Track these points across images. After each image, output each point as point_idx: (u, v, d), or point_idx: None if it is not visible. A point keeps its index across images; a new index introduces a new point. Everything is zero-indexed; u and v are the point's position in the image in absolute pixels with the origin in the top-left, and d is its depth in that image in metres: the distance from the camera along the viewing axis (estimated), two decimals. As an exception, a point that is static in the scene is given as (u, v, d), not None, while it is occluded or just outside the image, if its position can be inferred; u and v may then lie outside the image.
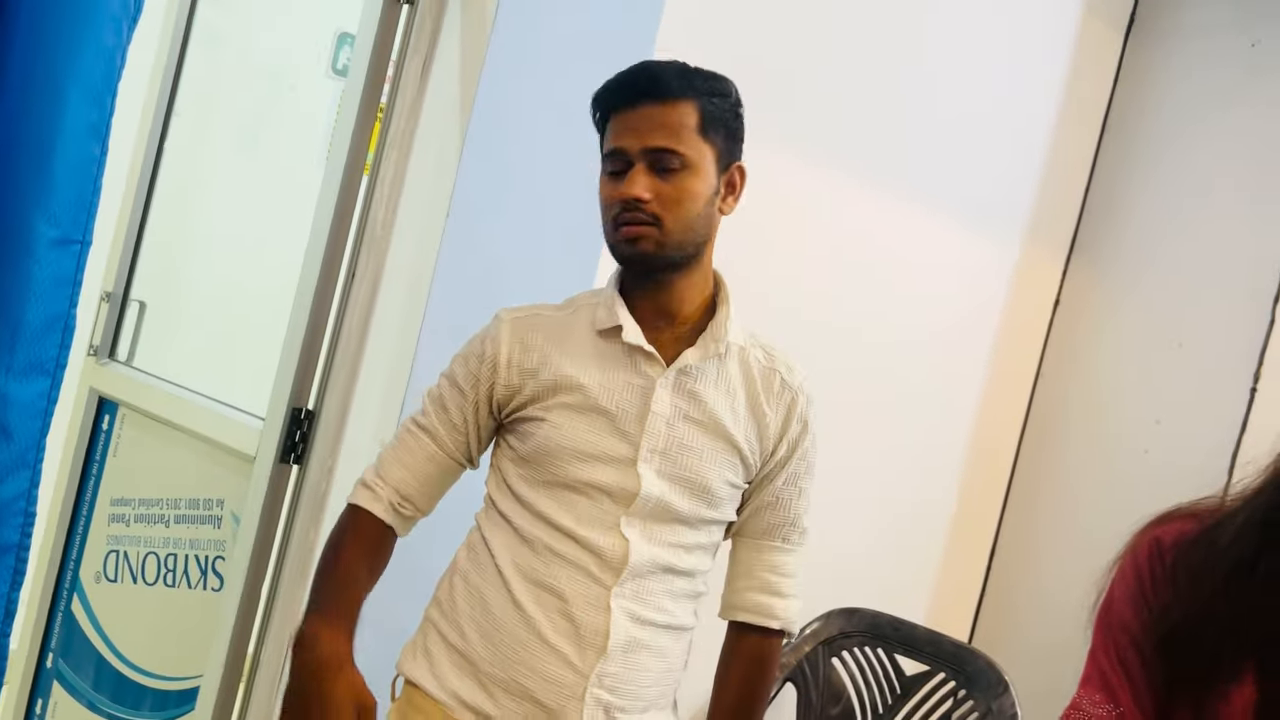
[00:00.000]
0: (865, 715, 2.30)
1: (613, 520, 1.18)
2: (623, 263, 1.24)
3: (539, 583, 1.18)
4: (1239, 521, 0.93)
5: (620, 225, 1.19)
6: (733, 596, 1.35)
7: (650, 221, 1.18)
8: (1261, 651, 0.88)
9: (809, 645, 2.35)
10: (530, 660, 1.16)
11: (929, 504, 2.64)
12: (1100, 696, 0.96)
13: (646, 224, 1.18)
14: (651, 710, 1.23)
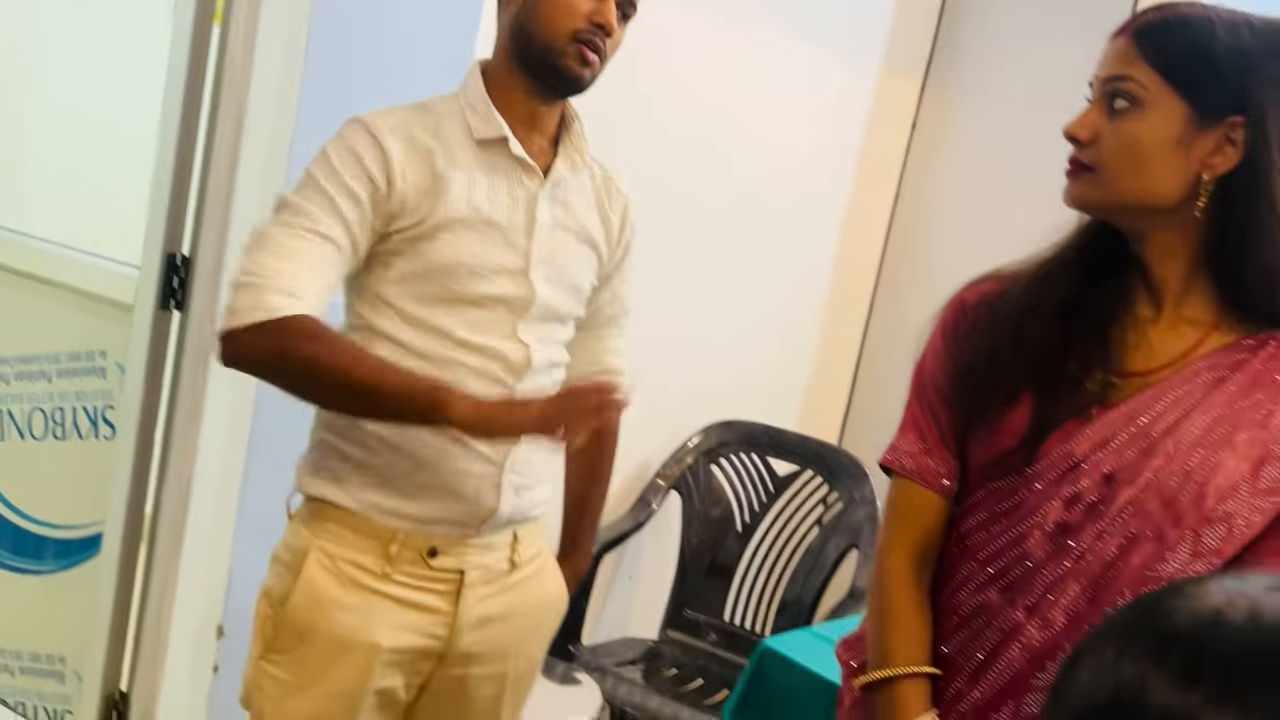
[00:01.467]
0: (743, 513, 2.51)
1: (509, 328, 1.25)
2: (560, 80, 1.24)
3: None
4: (1025, 277, 1.08)
5: (587, 46, 1.21)
6: (578, 380, 1.44)
7: (605, 53, 1.24)
8: (1036, 377, 1.03)
9: (691, 457, 2.53)
10: (448, 463, 1.24)
11: (799, 320, 2.80)
12: (912, 437, 1.11)
13: (602, 54, 1.23)
14: (543, 482, 1.36)
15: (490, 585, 1.31)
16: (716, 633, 2.45)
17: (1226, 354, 1.00)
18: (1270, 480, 0.95)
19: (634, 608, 2.62)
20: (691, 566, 2.49)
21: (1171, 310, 1.03)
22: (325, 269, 1.18)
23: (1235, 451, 0.96)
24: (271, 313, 1.13)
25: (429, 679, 1.32)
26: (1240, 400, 0.98)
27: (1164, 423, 0.99)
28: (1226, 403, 0.98)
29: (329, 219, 1.18)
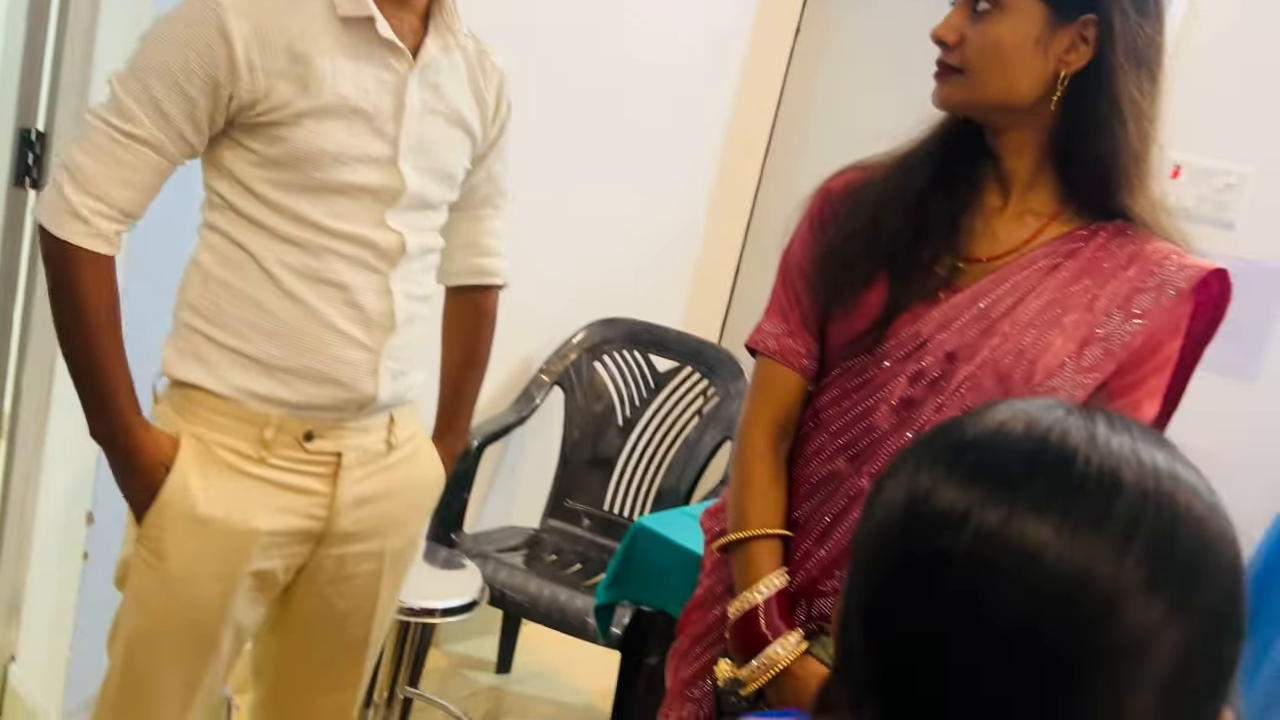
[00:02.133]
0: (624, 408, 2.57)
1: (378, 217, 1.23)
2: None
3: (320, 279, 1.21)
4: (887, 167, 1.14)
5: None
6: (454, 264, 1.45)
7: None
8: (890, 261, 1.09)
9: (574, 354, 2.56)
10: (324, 349, 1.22)
11: (683, 219, 2.84)
12: (776, 318, 1.18)
13: None
14: (417, 367, 1.37)
15: (367, 466, 1.32)
16: (596, 521, 2.53)
17: (1062, 243, 1.07)
18: (1091, 360, 1.03)
19: (516, 499, 2.67)
20: (573, 459, 2.55)
21: (1018, 200, 1.09)
22: (143, 176, 1.17)
23: (1063, 332, 1.04)
24: (70, 236, 1.15)
25: (308, 560, 1.33)
26: (1071, 285, 1.05)
27: (1002, 306, 1.05)
28: (1058, 288, 1.05)
29: (152, 121, 1.15)
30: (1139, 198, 1.05)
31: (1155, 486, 0.44)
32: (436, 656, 2.58)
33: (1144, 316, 1.04)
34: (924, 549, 0.45)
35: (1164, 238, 1.07)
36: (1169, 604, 0.42)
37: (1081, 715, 0.42)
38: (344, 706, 1.48)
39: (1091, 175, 1.06)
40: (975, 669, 0.43)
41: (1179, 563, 0.43)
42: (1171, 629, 0.42)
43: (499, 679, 2.57)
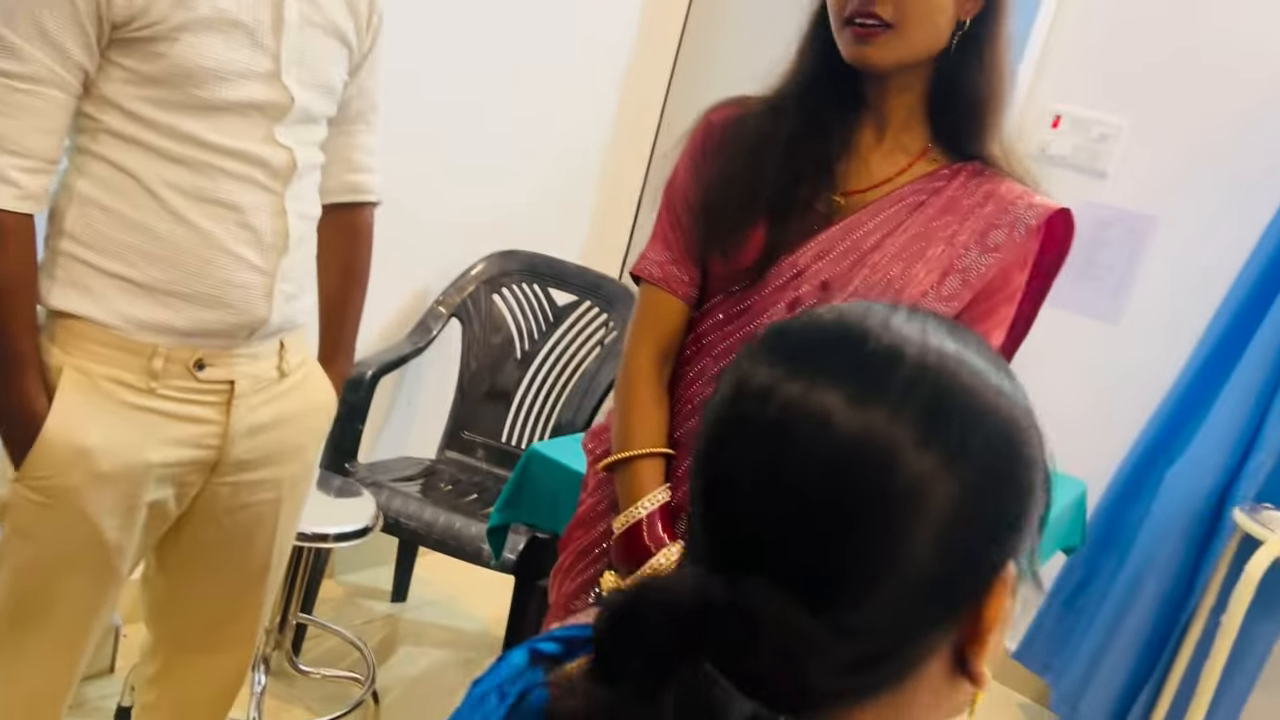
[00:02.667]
0: (523, 341, 2.59)
1: (266, 132, 1.21)
2: None
3: (209, 199, 1.18)
4: (763, 106, 1.18)
5: None
6: (327, 182, 1.41)
7: None
8: (770, 203, 1.14)
9: (472, 285, 2.56)
10: (216, 272, 1.20)
11: (583, 152, 2.84)
12: (660, 246, 1.22)
13: None
14: (308, 290, 1.36)
15: (261, 394, 1.31)
16: (492, 452, 2.56)
17: (928, 180, 1.15)
18: (950, 290, 1.12)
19: (413, 430, 2.68)
20: (470, 391, 2.56)
21: (891, 139, 1.16)
22: (56, 119, 1.14)
23: (926, 264, 1.12)
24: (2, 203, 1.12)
25: (202, 489, 1.32)
26: (934, 221, 1.13)
27: (872, 239, 1.13)
28: (924, 223, 1.13)
29: (49, 57, 1.11)
30: (996, 140, 1.14)
31: (933, 362, 0.50)
32: (331, 586, 2.59)
33: (998, 250, 1.12)
34: (739, 421, 0.52)
35: (1016, 179, 1.15)
36: (941, 459, 0.48)
37: (871, 554, 0.48)
38: (244, 638, 1.48)
39: (963, 118, 1.13)
40: (783, 521, 0.49)
41: (951, 425, 0.49)
42: (945, 481, 0.48)
43: (394, 607, 2.59)
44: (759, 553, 0.50)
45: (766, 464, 0.50)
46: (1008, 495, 0.50)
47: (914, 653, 0.50)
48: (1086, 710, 2.46)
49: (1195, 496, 2.34)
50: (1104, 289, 2.83)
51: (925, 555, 0.48)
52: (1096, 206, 2.82)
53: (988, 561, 0.50)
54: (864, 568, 0.48)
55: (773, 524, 0.50)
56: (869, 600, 0.48)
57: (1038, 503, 0.52)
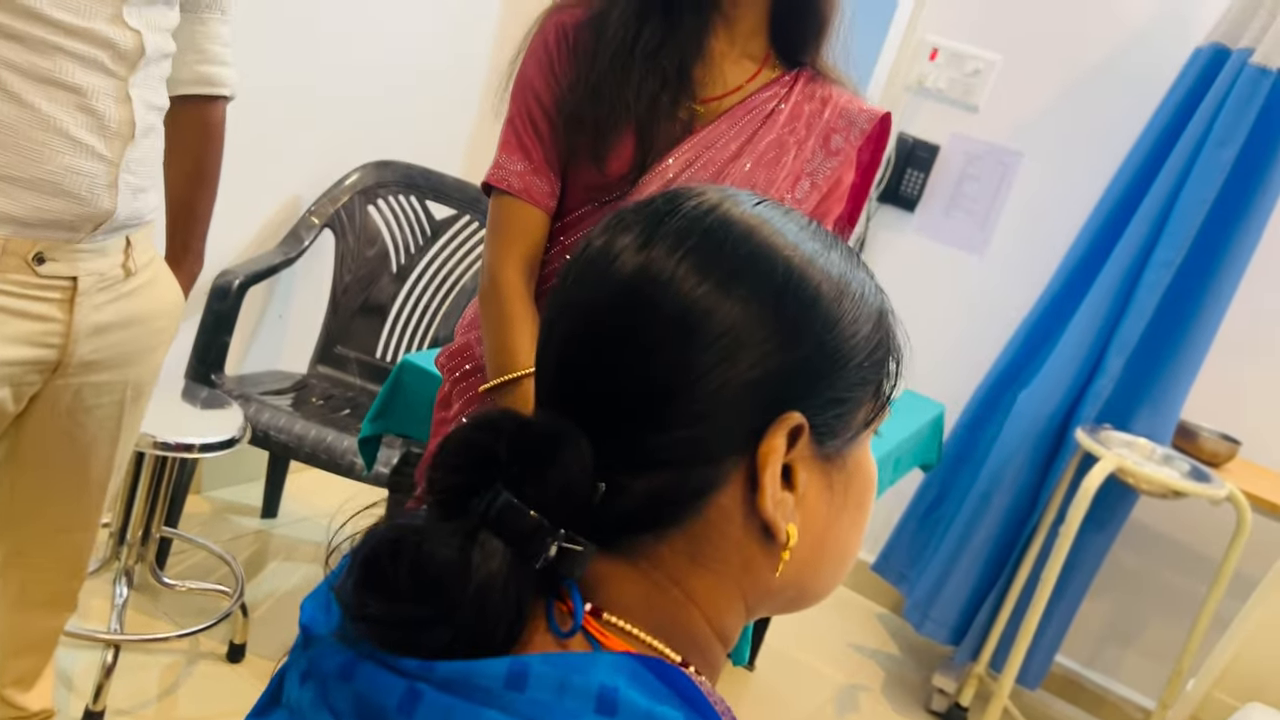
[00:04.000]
0: (399, 255, 2.54)
1: (115, 11, 1.14)
2: None
3: (48, 80, 1.11)
4: (618, 9, 1.16)
5: None
6: (182, 72, 1.36)
7: None
8: (637, 112, 1.14)
9: (346, 196, 2.48)
10: (56, 158, 1.13)
11: (465, 60, 2.76)
12: (517, 155, 1.19)
13: None
14: (155, 186, 1.30)
15: (106, 293, 1.26)
16: (367, 367, 2.52)
17: (772, 87, 1.20)
18: (802, 193, 1.20)
19: (284, 345, 2.61)
20: (343, 305, 2.50)
21: (740, 45, 1.20)
22: None
23: (782, 169, 1.18)
24: None
25: (42, 389, 1.27)
26: (784, 128, 1.19)
27: (732, 147, 1.17)
28: (775, 130, 1.18)
29: None
30: (826, 50, 1.22)
31: (722, 209, 0.54)
32: (199, 502, 2.53)
33: (838, 154, 1.20)
34: (560, 277, 0.57)
35: (841, 85, 1.24)
36: (714, 289, 0.52)
37: (650, 380, 0.52)
38: (83, 545, 1.44)
39: (805, 29, 1.20)
40: (570, 353, 0.54)
41: (726, 260, 0.52)
42: (720, 311, 0.51)
43: (265, 523, 2.55)
44: (554, 385, 0.55)
45: (562, 303, 0.55)
46: (790, 338, 0.52)
47: (698, 486, 0.52)
48: (936, 618, 2.62)
49: (1042, 418, 2.49)
50: (971, 221, 2.94)
51: (704, 385, 0.51)
52: (968, 140, 2.92)
53: (766, 400, 0.52)
54: (645, 394, 0.51)
55: (564, 358, 0.54)
56: (648, 427, 0.51)
57: (841, 363, 0.54)
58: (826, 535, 0.57)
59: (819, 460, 0.55)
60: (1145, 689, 2.78)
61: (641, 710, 0.47)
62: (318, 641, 0.54)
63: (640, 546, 0.53)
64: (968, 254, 2.94)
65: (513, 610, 0.50)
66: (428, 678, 0.48)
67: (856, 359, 0.54)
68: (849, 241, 1.30)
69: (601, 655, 0.49)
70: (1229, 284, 2.37)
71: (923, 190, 2.97)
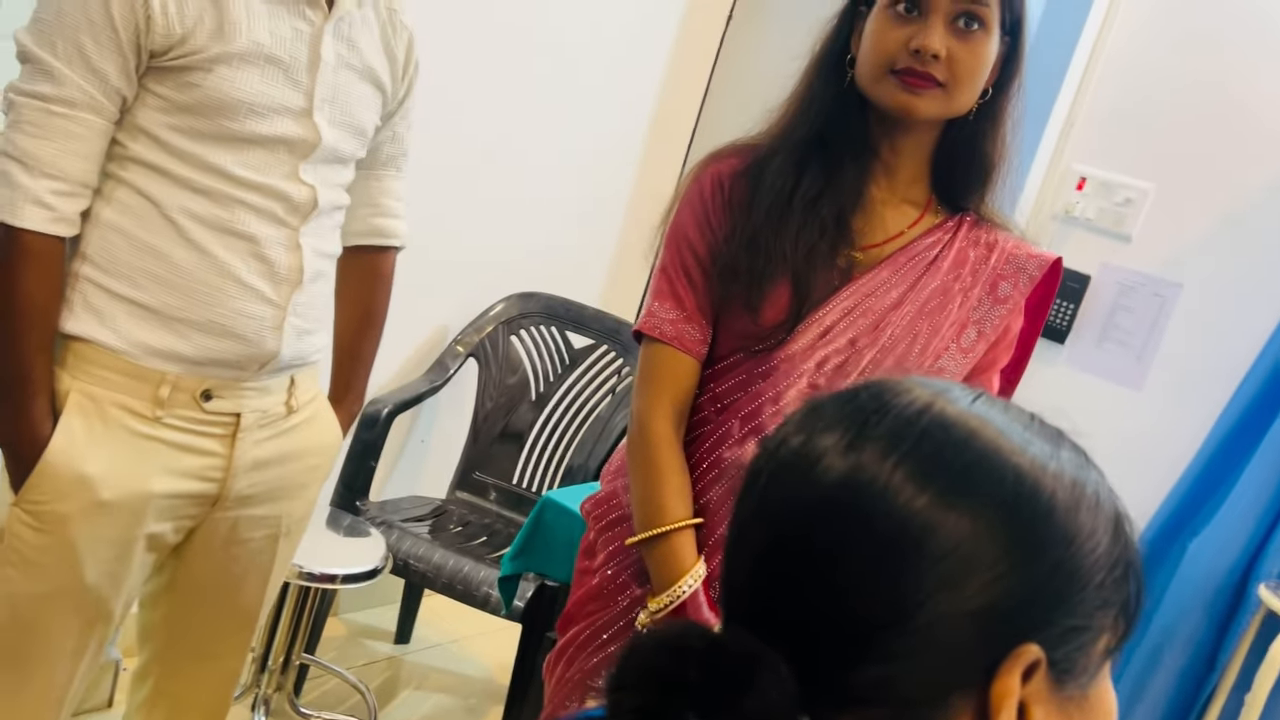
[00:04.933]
0: (538, 383, 2.58)
1: (292, 169, 1.21)
2: None
3: (226, 229, 1.18)
4: (772, 156, 1.16)
5: None
6: (353, 224, 1.42)
7: None
8: (794, 261, 1.12)
9: (490, 326, 2.55)
10: (228, 302, 1.19)
11: (606, 197, 2.84)
12: (670, 304, 1.18)
13: None
14: (323, 328, 1.35)
15: (266, 429, 1.30)
16: (504, 494, 2.53)
17: (935, 233, 1.17)
18: (968, 342, 1.15)
19: (425, 470, 2.66)
20: (484, 431, 2.54)
21: (901, 191, 1.17)
22: (92, 144, 1.14)
23: (948, 318, 1.14)
24: (32, 224, 1.12)
25: (200, 522, 1.30)
26: (948, 275, 1.15)
27: (893, 295, 1.14)
28: (938, 277, 1.15)
29: (87, 82, 1.11)
30: (991, 195, 1.19)
31: (937, 408, 0.49)
32: (335, 625, 2.55)
33: (1006, 302, 1.16)
34: (750, 476, 0.52)
35: (1008, 230, 1.20)
36: (937, 500, 0.46)
37: (861, 603, 0.46)
38: (231, 673, 1.46)
39: (970, 177, 1.17)
40: (770, 567, 0.49)
41: (950, 468, 0.47)
42: (944, 526, 0.45)
43: (397, 649, 2.55)
44: (746, 601, 0.50)
45: (756, 507, 0.50)
46: (1023, 558, 0.46)
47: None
48: (1102, 786, 2.39)
49: (1218, 570, 2.29)
50: (1128, 354, 2.80)
51: (923, 614, 0.45)
52: (1120, 270, 2.80)
53: (996, 632, 0.46)
54: (853, 621, 0.46)
55: (758, 571, 0.49)
56: (857, 657, 0.46)
57: (1080, 584, 0.47)
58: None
59: (1056, 696, 0.48)
60: None
61: None
62: None
63: None
64: (1123, 387, 2.79)
65: None
66: None
67: (1097, 578, 0.48)
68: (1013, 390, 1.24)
69: None
70: None
71: (1073, 321, 2.85)
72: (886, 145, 1.15)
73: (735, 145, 1.21)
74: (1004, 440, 0.49)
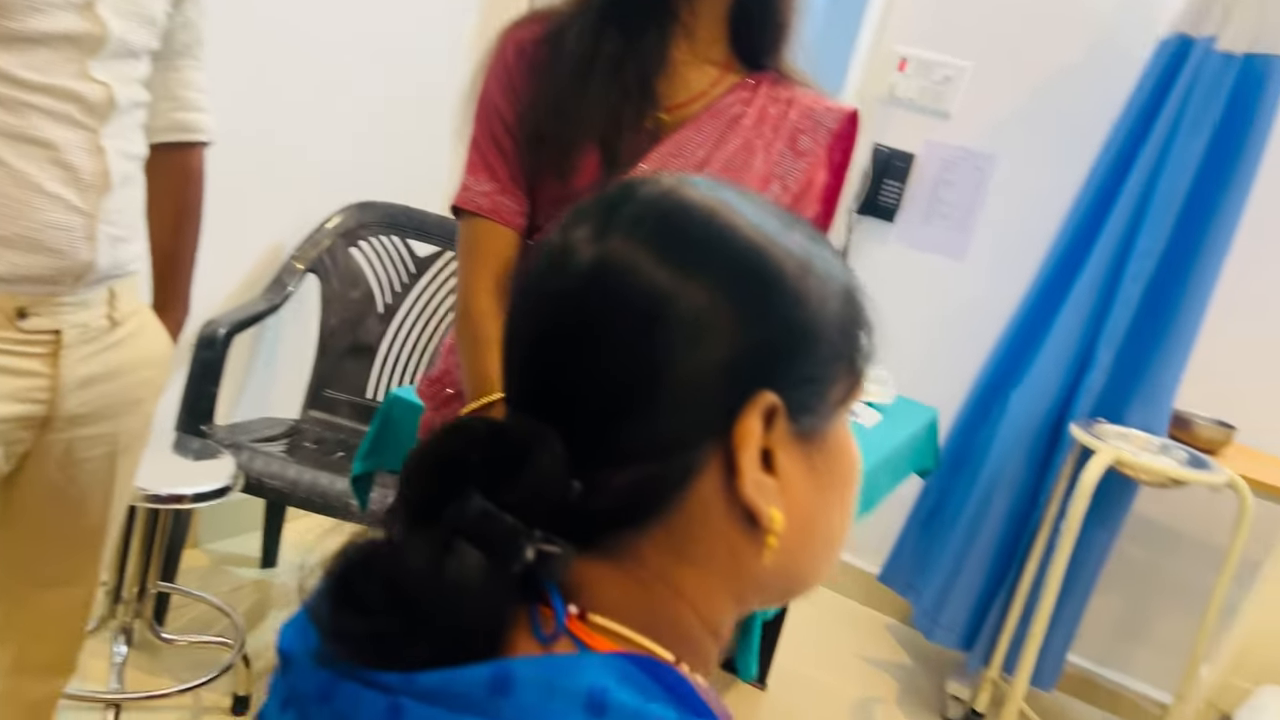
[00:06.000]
0: (384, 294, 2.54)
1: (81, 67, 1.14)
2: None
3: (20, 137, 1.12)
4: (573, 24, 1.17)
5: None
6: (158, 120, 1.37)
7: None
8: (600, 126, 1.14)
9: (328, 239, 2.49)
10: (33, 214, 1.13)
11: (434, 94, 2.78)
12: (483, 176, 1.19)
13: None
14: (138, 236, 1.30)
15: (90, 345, 1.25)
16: (357, 409, 2.51)
17: (737, 91, 1.20)
18: (772, 196, 1.19)
19: (275, 392, 2.60)
20: (331, 348, 2.50)
21: (701, 51, 1.20)
22: None
23: (752, 174, 1.18)
24: None
25: (33, 446, 1.26)
26: (751, 132, 1.19)
27: (700, 154, 1.17)
28: (743, 134, 1.19)
29: None
30: (788, 52, 1.22)
31: (677, 193, 0.54)
32: (197, 556, 2.50)
33: (807, 155, 1.20)
34: (522, 273, 0.56)
35: (806, 86, 1.24)
36: (678, 274, 0.50)
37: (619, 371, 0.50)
38: (82, 601, 1.42)
39: (766, 33, 1.20)
40: (538, 352, 0.53)
41: (688, 245, 0.52)
42: (685, 296, 0.50)
43: (264, 573, 2.53)
44: (521, 387, 0.54)
45: (522, 303, 0.54)
46: (756, 318, 0.51)
47: (676, 476, 0.51)
48: (945, 624, 2.60)
49: (1036, 416, 2.49)
50: (950, 227, 2.96)
51: (673, 372, 0.50)
52: (941, 146, 2.94)
53: (737, 381, 0.51)
54: (614, 386, 0.50)
55: (528, 358, 0.53)
56: (620, 419, 0.50)
57: (812, 341, 0.53)
58: (813, 519, 0.55)
59: (798, 442, 0.54)
60: (1160, 682, 2.76)
61: (631, 710, 0.46)
62: (295, 666, 0.53)
63: (622, 544, 0.52)
64: (950, 259, 2.95)
65: (492, 618, 0.49)
66: (409, 691, 0.47)
67: (827, 335, 0.54)
68: None
69: (589, 656, 0.48)
70: (1211, 269, 2.39)
71: (901, 199, 2.98)
72: (685, 7, 1.17)
73: (536, 12, 1.21)
74: (738, 218, 0.53)
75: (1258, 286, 2.58)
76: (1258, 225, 2.49)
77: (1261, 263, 2.57)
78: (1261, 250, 2.56)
